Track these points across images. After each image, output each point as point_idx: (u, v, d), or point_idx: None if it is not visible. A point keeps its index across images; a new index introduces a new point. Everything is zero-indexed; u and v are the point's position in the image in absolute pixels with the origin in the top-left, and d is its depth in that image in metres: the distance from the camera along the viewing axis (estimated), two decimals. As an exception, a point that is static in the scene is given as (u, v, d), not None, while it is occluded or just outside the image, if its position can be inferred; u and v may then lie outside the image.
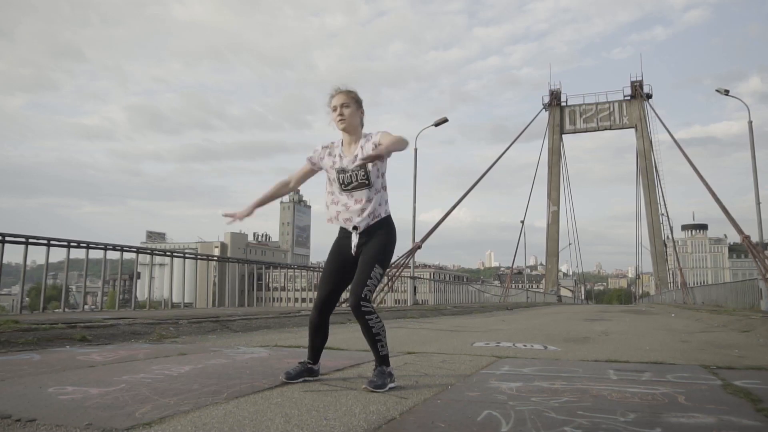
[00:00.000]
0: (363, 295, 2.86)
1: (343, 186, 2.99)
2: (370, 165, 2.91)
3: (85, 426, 1.99)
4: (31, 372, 3.21)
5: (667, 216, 57.98)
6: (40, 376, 3.05)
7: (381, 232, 2.98)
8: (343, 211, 2.99)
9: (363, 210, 2.94)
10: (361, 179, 2.94)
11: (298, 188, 3.40)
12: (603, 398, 2.68)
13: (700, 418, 2.29)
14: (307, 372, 3.03)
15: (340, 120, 2.98)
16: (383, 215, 3.00)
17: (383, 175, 3.03)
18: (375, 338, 2.91)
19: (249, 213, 3.17)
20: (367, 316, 2.87)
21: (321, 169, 3.11)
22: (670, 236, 58.61)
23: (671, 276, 58.82)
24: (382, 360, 2.92)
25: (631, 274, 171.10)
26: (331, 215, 3.04)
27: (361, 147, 2.98)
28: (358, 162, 2.90)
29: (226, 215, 3.21)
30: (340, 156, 3.02)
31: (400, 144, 2.85)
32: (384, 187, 3.03)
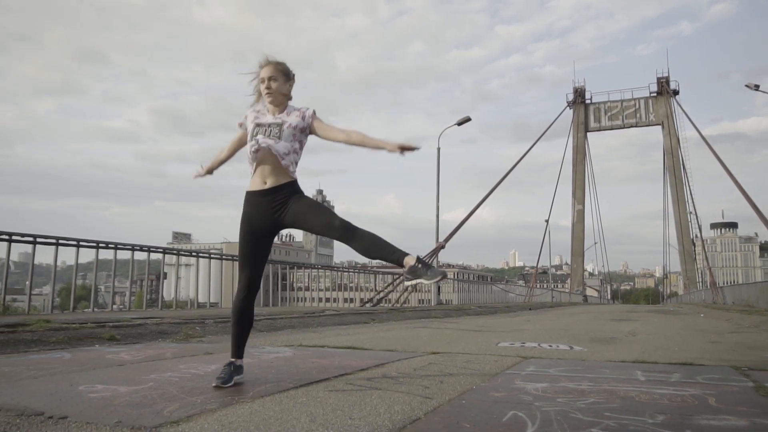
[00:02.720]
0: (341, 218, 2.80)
1: (252, 135, 2.93)
2: (285, 124, 2.88)
3: (115, 423, 2.03)
4: (62, 370, 3.28)
5: (696, 214, 56.94)
6: (71, 375, 3.11)
7: (299, 194, 2.89)
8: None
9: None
10: (274, 135, 2.88)
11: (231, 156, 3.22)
12: (631, 399, 2.64)
13: (731, 420, 2.25)
14: (236, 371, 2.88)
15: (268, 93, 2.94)
16: (290, 178, 2.89)
17: (300, 144, 2.95)
18: (382, 239, 2.76)
19: (206, 173, 3.29)
20: (359, 226, 2.78)
21: None
22: (698, 235, 57.53)
23: (700, 275, 57.69)
24: (404, 253, 2.72)
25: (658, 273, 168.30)
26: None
27: (287, 113, 2.96)
28: (391, 146, 2.76)
29: (196, 176, 3.31)
30: (263, 113, 2.99)
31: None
32: (296, 152, 2.93)
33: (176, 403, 2.39)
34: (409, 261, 2.68)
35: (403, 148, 2.75)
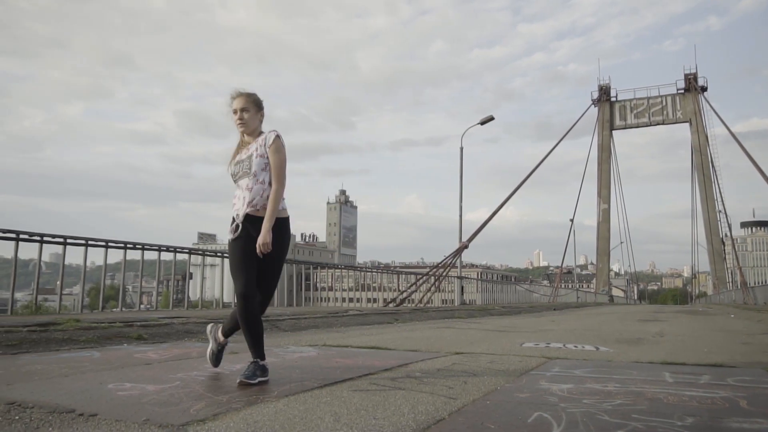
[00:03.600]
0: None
1: (233, 177, 3.13)
2: (255, 156, 3.06)
3: (143, 421, 2.06)
4: (91, 369, 3.35)
5: (725, 213, 55.72)
6: (101, 373, 3.18)
7: (278, 232, 3.03)
8: (235, 202, 3.11)
9: (244, 198, 3.04)
10: (245, 169, 3.07)
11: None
12: (659, 401, 2.60)
13: (764, 423, 2.20)
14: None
15: (240, 124, 3.12)
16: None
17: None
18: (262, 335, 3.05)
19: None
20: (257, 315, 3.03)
21: None
22: (728, 234, 56.35)
23: (730, 275, 56.50)
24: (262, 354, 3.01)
25: (686, 273, 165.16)
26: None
27: (255, 140, 3.13)
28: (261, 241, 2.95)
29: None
30: (237, 154, 3.17)
31: (277, 202, 3.02)
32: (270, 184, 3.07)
33: (202, 401, 2.42)
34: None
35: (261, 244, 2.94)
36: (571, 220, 52.40)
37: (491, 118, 22.65)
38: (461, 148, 22.33)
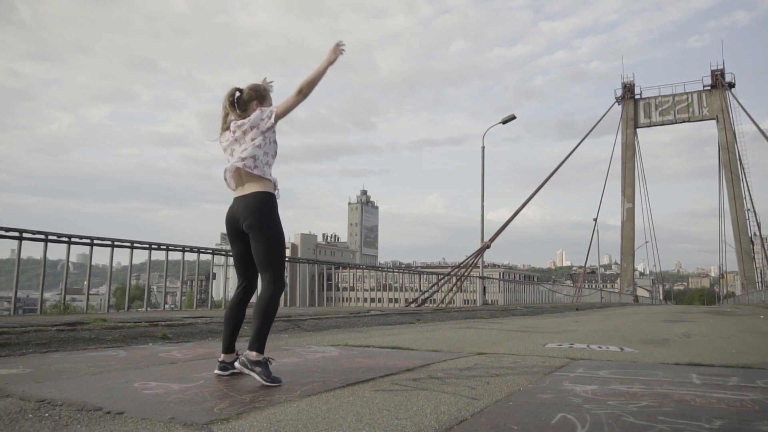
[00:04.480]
0: None
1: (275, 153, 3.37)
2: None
3: (168, 420, 2.09)
4: (118, 367, 3.40)
5: (754, 211, 54.57)
6: (127, 372, 3.23)
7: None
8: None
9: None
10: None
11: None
12: (686, 404, 2.56)
13: (795, 426, 2.15)
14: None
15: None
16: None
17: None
18: (268, 320, 3.07)
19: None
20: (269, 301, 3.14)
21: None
22: (757, 233, 55.21)
23: (759, 275, 55.32)
24: (261, 345, 3.01)
25: (714, 273, 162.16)
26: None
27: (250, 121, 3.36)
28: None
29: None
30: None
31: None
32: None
33: (226, 400, 2.44)
34: (257, 357, 2.90)
35: (336, 52, 3.03)
36: (595, 220, 51.80)
37: (513, 117, 22.46)
38: (482, 148, 22.21)
